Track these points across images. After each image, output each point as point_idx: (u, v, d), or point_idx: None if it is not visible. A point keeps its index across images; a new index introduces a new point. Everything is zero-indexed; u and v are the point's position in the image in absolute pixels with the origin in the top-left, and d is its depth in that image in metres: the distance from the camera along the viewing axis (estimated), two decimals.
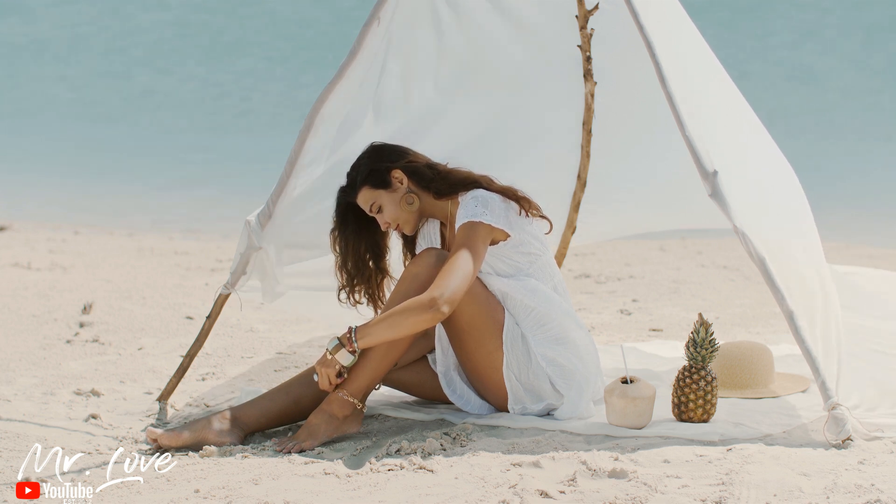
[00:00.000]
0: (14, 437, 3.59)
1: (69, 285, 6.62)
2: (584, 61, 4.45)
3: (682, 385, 3.57)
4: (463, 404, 3.76)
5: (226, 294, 3.96)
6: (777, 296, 3.33)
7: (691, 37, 3.90)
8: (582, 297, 6.39)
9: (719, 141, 3.54)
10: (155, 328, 5.45)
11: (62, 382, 4.34)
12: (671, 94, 3.40)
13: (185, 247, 8.62)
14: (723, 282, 6.85)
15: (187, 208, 10.78)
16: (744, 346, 4.06)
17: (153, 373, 4.56)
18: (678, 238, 8.84)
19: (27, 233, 9.14)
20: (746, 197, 3.46)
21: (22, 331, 5.33)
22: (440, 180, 3.72)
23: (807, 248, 3.75)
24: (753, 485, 2.94)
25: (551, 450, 3.27)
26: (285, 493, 3.00)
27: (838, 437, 3.27)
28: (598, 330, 5.39)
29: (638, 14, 3.46)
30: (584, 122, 4.67)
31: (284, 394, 3.66)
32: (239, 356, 4.89)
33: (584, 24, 4.30)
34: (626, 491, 2.92)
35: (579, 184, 4.84)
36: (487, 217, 3.57)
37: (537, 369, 3.64)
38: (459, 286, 3.46)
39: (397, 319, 3.46)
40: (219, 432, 3.53)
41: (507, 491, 2.95)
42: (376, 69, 3.91)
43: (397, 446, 3.35)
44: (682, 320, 5.62)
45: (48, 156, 13.10)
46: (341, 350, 3.51)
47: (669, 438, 3.39)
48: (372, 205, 3.74)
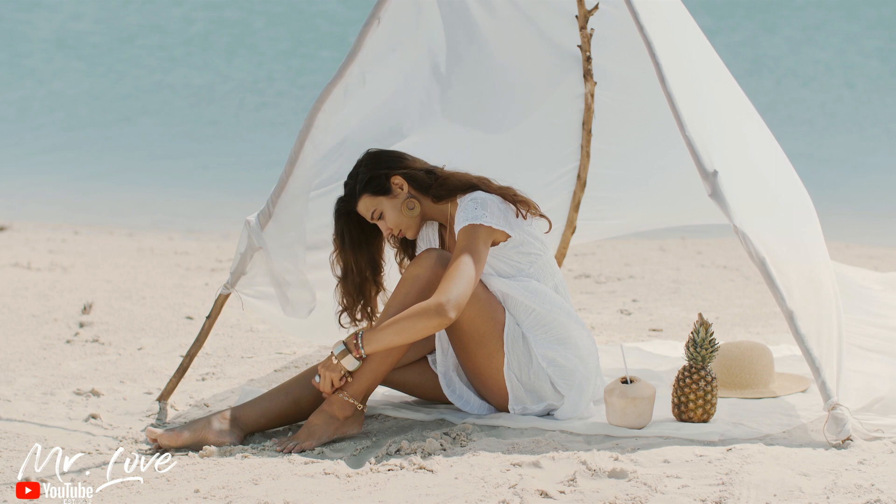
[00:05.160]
0: (14, 437, 3.59)
1: (69, 285, 6.62)
2: (584, 61, 4.45)
3: (682, 385, 3.57)
4: (462, 405, 3.76)
5: (226, 294, 3.96)
6: (777, 296, 3.32)
7: (692, 36, 3.90)
8: (582, 297, 6.39)
9: (720, 140, 3.54)
10: (155, 328, 5.44)
11: (62, 382, 4.34)
12: (671, 94, 3.40)
13: (185, 247, 8.62)
14: (723, 282, 6.85)
15: (187, 208, 10.78)
16: (744, 346, 4.06)
17: (153, 373, 4.56)
18: (678, 238, 8.84)
19: (27, 233, 9.14)
20: (747, 197, 3.46)
21: (22, 331, 5.33)
22: (439, 184, 3.72)
23: (809, 248, 3.74)
24: (753, 485, 2.94)
25: (551, 450, 3.27)
26: (285, 493, 3.00)
27: (838, 437, 3.27)
28: (598, 330, 5.39)
29: (638, 14, 3.46)
30: (584, 122, 4.67)
31: (284, 394, 3.66)
32: (239, 356, 4.89)
33: (584, 24, 4.30)
34: (626, 491, 2.92)
35: (579, 184, 4.84)
36: (487, 219, 3.57)
37: (538, 369, 3.64)
38: (464, 290, 3.46)
39: (404, 325, 3.46)
40: (219, 432, 3.53)
41: (507, 491, 2.95)
42: (376, 70, 3.91)
43: (397, 446, 3.35)
44: (682, 320, 5.62)
45: (48, 156, 13.10)
46: (347, 355, 3.51)
47: (669, 438, 3.39)
48: (373, 212, 3.74)
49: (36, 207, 10.72)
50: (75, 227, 9.72)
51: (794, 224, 3.81)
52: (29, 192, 11.36)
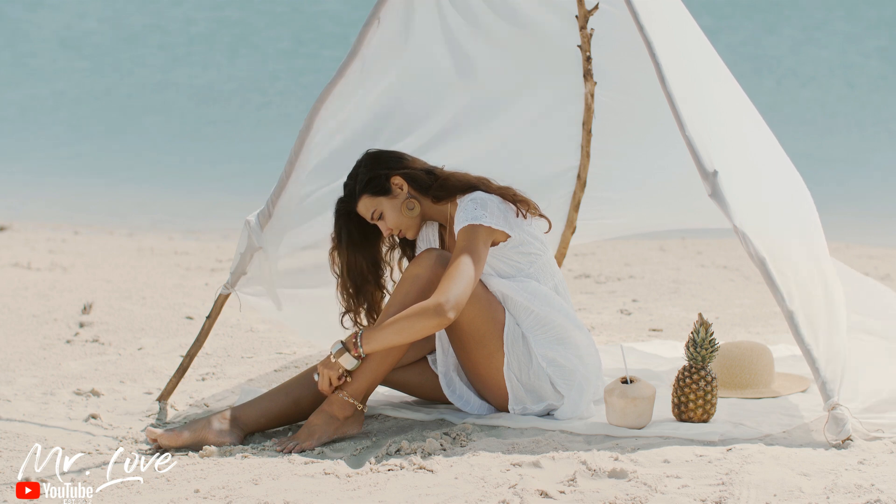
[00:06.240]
0: (14, 437, 3.59)
1: (69, 285, 6.62)
2: (584, 61, 4.44)
3: (682, 385, 3.57)
4: (462, 405, 3.76)
5: (226, 294, 3.96)
6: (777, 296, 3.32)
7: (692, 36, 3.90)
8: (582, 297, 6.39)
9: (720, 141, 3.53)
10: (155, 328, 5.45)
11: (62, 382, 4.34)
12: (671, 94, 3.40)
13: (185, 247, 8.63)
14: (723, 282, 6.86)
15: (187, 208, 10.79)
16: (744, 346, 4.06)
17: (153, 373, 4.56)
18: (678, 238, 8.85)
19: (27, 233, 9.14)
20: (747, 197, 3.46)
21: (22, 331, 5.33)
22: (439, 184, 3.72)
23: (810, 248, 3.74)
24: (753, 485, 2.94)
25: (551, 450, 3.27)
26: (285, 493, 3.00)
27: (838, 437, 3.27)
28: (598, 330, 5.39)
29: (638, 14, 3.46)
30: (584, 122, 4.67)
31: (284, 394, 3.65)
32: (239, 356, 4.89)
33: (584, 24, 4.30)
34: (626, 491, 2.92)
35: (579, 184, 4.84)
36: (487, 219, 3.57)
37: (538, 369, 3.64)
38: (464, 291, 3.46)
39: (404, 325, 3.46)
40: (219, 432, 3.52)
41: (507, 491, 2.95)
42: (376, 70, 3.91)
43: (397, 446, 3.35)
44: (682, 320, 5.62)
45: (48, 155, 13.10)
46: (345, 354, 3.51)
47: (669, 438, 3.39)
48: (373, 212, 3.73)
49: (36, 207, 10.72)
50: (75, 227, 9.73)
51: (795, 224, 3.81)
52: (29, 192, 11.37)
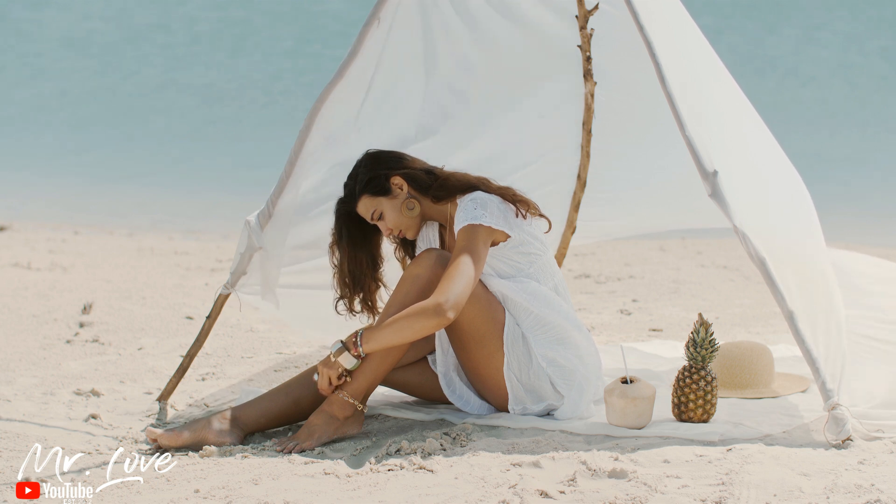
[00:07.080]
0: (14, 437, 3.59)
1: (69, 285, 6.62)
2: (584, 61, 4.44)
3: (682, 385, 3.57)
4: (462, 405, 3.76)
5: (226, 294, 3.96)
6: (777, 296, 3.32)
7: (692, 36, 3.90)
8: (582, 297, 6.39)
9: (720, 141, 3.53)
10: (155, 328, 5.45)
11: (62, 382, 4.34)
12: (671, 94, 3.40)
13: (185, 247, 8.63)
14: (723, 282, 6.85)
15: (187, 208, 10.79)
16: (744, 346, 4.06)
17: (153, 373, 4.56)
18: (678, 238, 8.85)
19: (27, 233, 9.14)
20: (747, 197, 3.46)
21: (22, 331, 5.33)
22: (438, 184, 3.72)
23: (809, 248, 3.74)
24: (753, 485, 2.94)
25: (551, 450, 3.27)
26: (285, 493, 3.00)
27: (838, 437, 3.27)
28: (598, 330, 5.39)
29: (638, 14, 3.46)
30: (584, 122, 4.67)
31: (284, 394, 3.65)
32: (239, 356, 4.89)
33: (584, 24, 4.30)
34: (626, 491, 2.92)
35: (579, 184, 4.84)
36: (486, 219, 3.57)
37: (538, 370, 3.64)
38: (463, 291, 3.46)
39: (403, 325, 3.46)
40: (219, 432, 3.52)
41: (507, 491, 2.95)
42: (375, 71, 3.91)
43: (397, 446, 3.35)
44: (682, 320, 5.62)
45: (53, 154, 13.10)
46: (345, 353, 3.51)
47: (669, 438, 3.39)
48: (373, 212, 3.73)
49: (36, 207, 10.72)
50: (75, 227, 9.73)
51: (795, 224, 3.81)
52: (29, 192, 11.37)
